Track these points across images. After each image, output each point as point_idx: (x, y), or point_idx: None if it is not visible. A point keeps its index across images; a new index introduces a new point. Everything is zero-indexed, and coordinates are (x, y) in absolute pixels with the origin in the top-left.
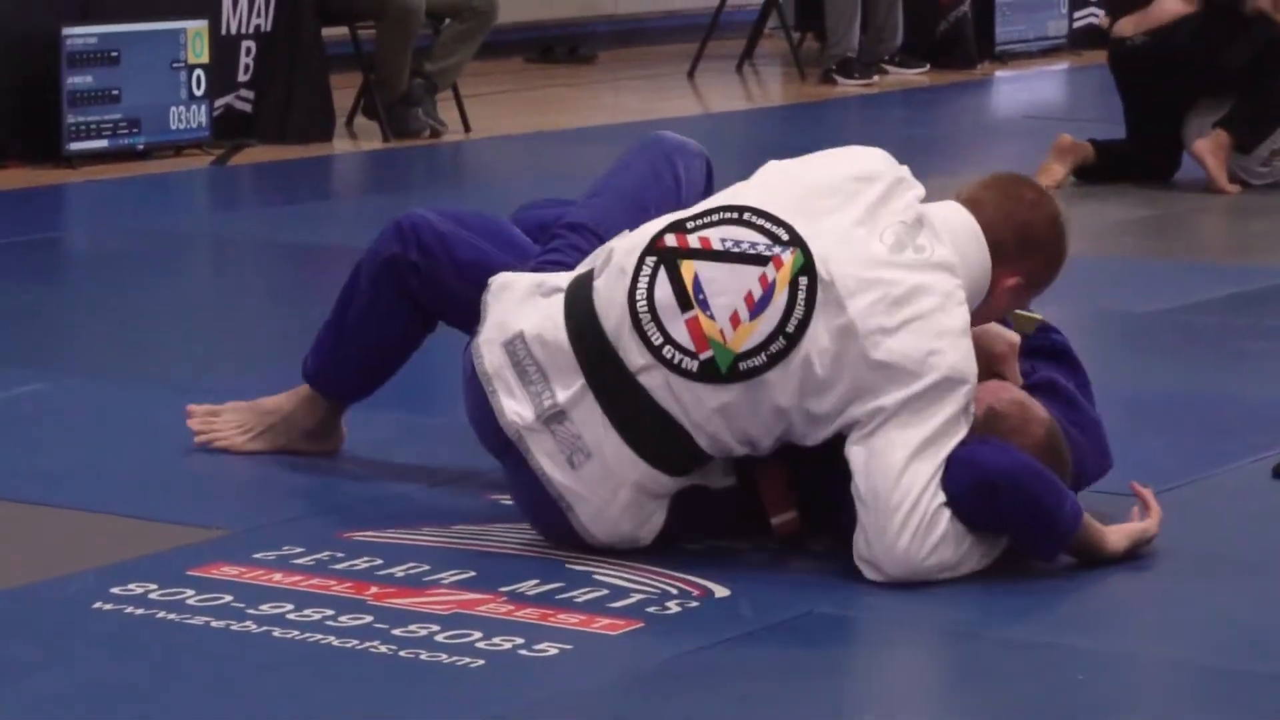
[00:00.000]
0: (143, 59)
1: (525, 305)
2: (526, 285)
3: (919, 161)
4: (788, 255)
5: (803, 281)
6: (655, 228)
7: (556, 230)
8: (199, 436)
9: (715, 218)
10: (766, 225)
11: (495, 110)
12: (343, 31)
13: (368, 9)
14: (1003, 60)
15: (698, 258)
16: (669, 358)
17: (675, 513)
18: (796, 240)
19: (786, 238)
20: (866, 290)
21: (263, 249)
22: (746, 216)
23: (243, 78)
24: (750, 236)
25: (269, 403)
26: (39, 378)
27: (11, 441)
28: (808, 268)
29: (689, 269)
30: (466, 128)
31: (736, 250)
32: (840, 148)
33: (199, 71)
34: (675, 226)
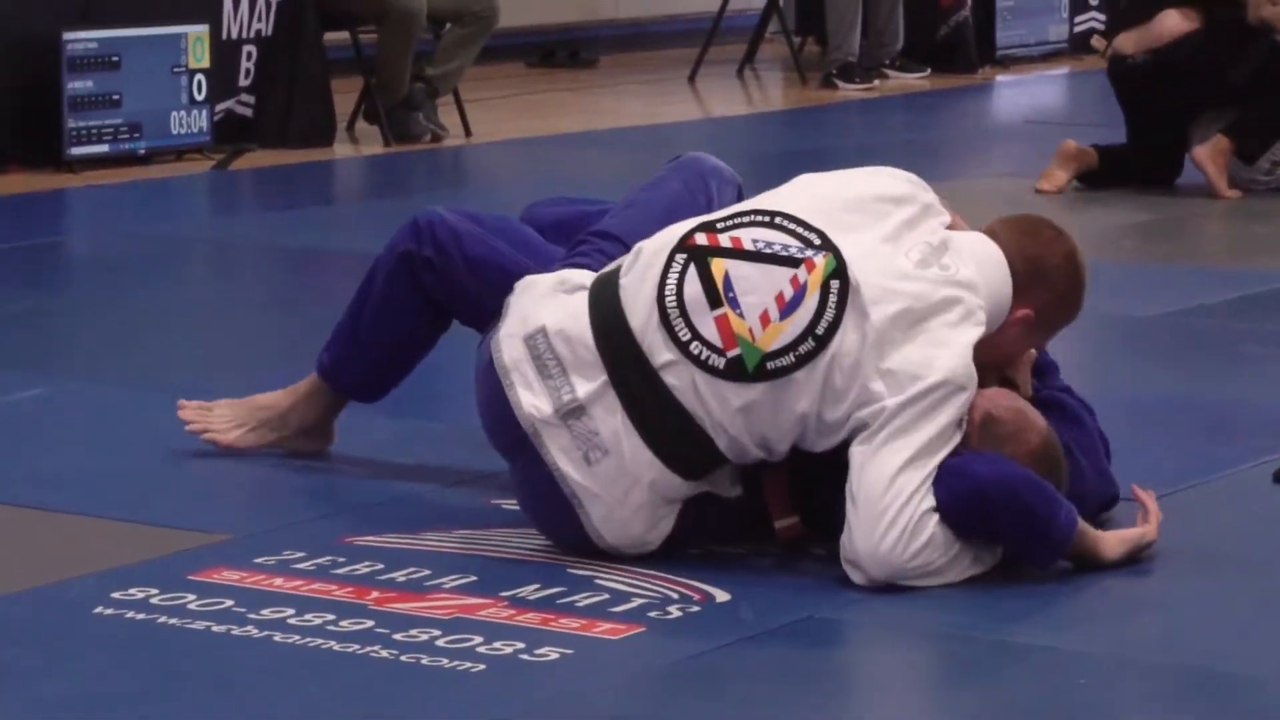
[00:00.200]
0: (143, 63)
1: (548, 301)
2: (550, 282)
3: (920, 166)
4: (820, 258)
5: (834, 285)
6: (685, 227)
7: (585, 236)
8: (190, 425)
9: (746, 219)
10: (798, 229)
11: (496, 115)
12: (343, 36)
13: (369, 13)
14: (1003, 65)
15: (729, 256)
16: (696, 354)
17: (683, 518)
18: (828, 245)
19: (818, 242)
20: (891, 300)
21: (263, 254)
22: (778, 220)
23: (243, 82)
24: (781, 239)
25: (264, 399)
26: (40, 382)
27: (12, 446)
28: (839, 271)
29: (719, 267)
30: (467, 132)
31: (768, 251)
32: (872, 168)
33: (200, 76)
34: (706, 226)
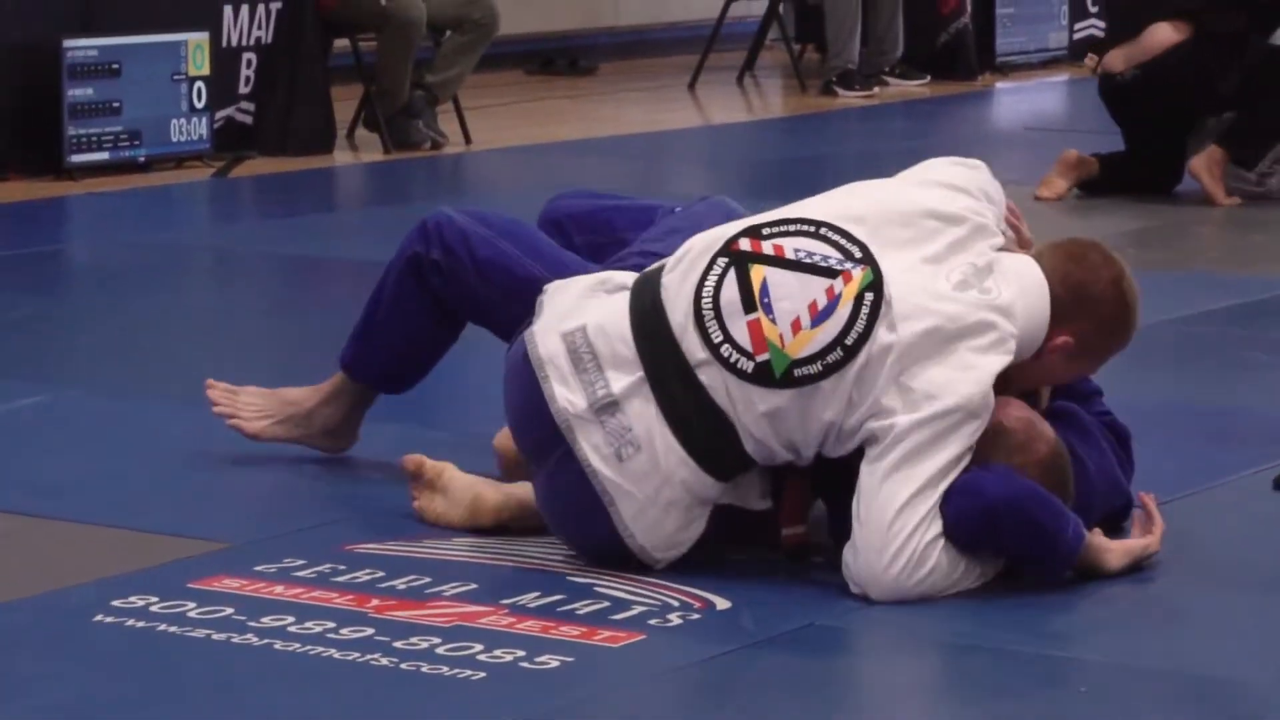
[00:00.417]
0: (143, 71)
1: (589, 299)
2: (589, 281)
3: None
4: (858, 271)
5: (868, 297)
6: (733, 229)
7: (630, 251)
8: (216, 408)
9: (792, 228)
10: (841, 241)
11: (496, 122)
12: (344, 43)
13: (369, 21)
14: (1003, 72)
15: (769, 264)
16: (726, 356)
17: (712, 524)
18: (869, 258)
19: (859, 255)
20: (921, 318)
21: (264, 261)
22: (822, 231)
23: (243, 90)
24: (823, 250)
25: (291, 393)
26: (40, 390)
27: (12, 453)
28: (875, 285)
29: (759, 273)
30: (467, 139)
31: (808, 261)
32: (935, 168)
33: (200, 83)
34: (751, 231)
